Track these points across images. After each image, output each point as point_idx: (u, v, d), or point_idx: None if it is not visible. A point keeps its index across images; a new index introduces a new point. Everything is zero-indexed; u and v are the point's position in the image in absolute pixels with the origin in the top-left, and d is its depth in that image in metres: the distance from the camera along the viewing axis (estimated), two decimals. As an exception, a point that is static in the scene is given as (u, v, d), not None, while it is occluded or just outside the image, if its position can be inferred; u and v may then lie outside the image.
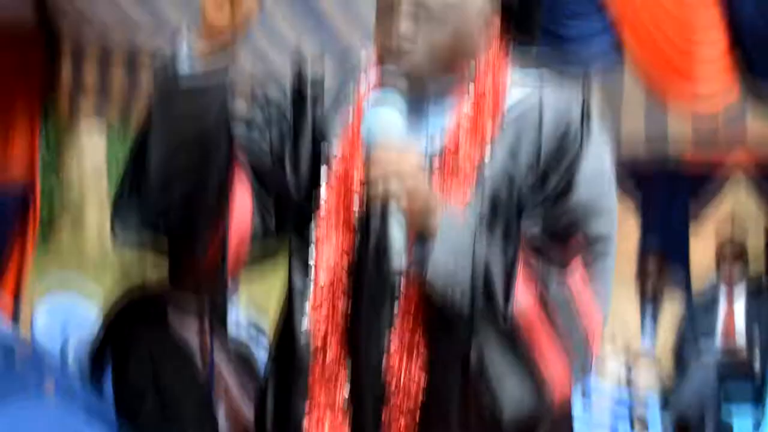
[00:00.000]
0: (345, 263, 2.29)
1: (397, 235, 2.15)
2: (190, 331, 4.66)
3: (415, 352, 2.22)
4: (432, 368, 2.21)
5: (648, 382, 8.14)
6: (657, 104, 5.33)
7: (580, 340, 2.21)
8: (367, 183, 2.20)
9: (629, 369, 8.17)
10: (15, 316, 6.91)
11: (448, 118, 2.31)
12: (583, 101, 2.31)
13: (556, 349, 2.18)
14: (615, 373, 8.19)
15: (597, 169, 2.27)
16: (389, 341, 2.23)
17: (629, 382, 8.19)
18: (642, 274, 8.31)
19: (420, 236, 2.19)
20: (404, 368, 2.23)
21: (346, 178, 2.32)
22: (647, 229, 8.99)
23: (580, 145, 2.26)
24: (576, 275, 2.21)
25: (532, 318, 2.17)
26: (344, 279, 2.29)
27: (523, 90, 2.34)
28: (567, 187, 2.24)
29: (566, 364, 2.19)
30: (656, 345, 8.38)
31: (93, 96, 6.74)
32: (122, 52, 6.52)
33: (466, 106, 2.31)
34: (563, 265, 2.21)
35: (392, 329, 2.23)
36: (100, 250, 14.84)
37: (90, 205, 15.02)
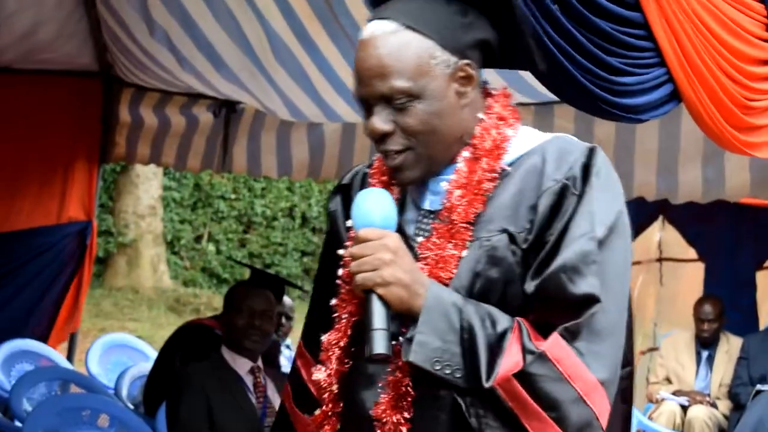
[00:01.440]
0: (349, 323, 2.36)
1: (378, 324, 2.18)
2: (243, 368, 4.70)
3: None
4: None
5: (703, 423, 8.07)
6: (715, 150, 5.34)
7: (571, 401, 2.16)
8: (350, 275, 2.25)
9: (685, 411, 8.12)
10: (71, 351, 6.99)
11: (446, 180, 2.33)
12: (588, 154, 2.28)
13: (540, 416, 2.16)
14: (671, 415, 8.13)
15: (588, 228, 2.21)
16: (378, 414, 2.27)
17: (684, 424, 8.13)
18: (700, 318, 8.24)
19: (405, 318, 2.22)
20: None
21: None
22: (708, 273, 8.95)
23: (578, 202, 2.23)
24: (556, 341, 2.16)
25: (513, 388, 2.16)
26: (347, 336, 2.36)
27: (529, 146, 2.33)
28: (555, 247, 2.21)
29: (556, 429, 2.16)
30: (712, 387, 8.31)
31: (150, 138, 6.82)
32: (180, 95, 6.58)
33: (462, 165, 2.32)
34: (549, 329, 2.18)
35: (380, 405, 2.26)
36: (155, 288, 14.94)
37: (145, 244, 15.12)
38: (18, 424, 5.19)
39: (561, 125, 5.79)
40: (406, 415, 2.24)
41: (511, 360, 2.17)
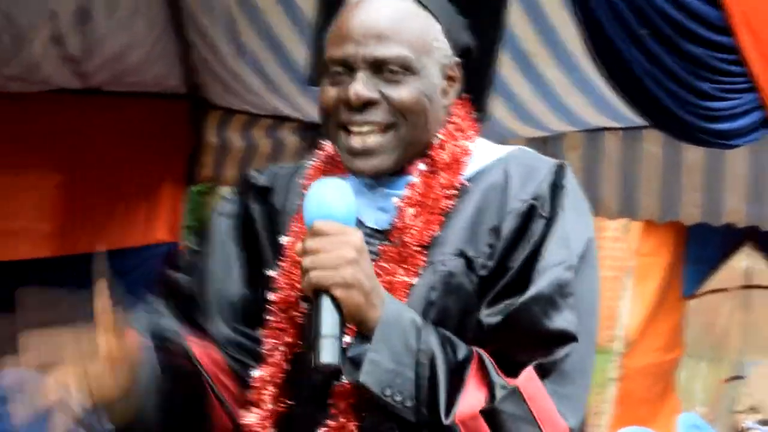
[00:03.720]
0: (286, 356, 2.09)
1: (329, 330, 1.89)
2: None
3: None
4: None
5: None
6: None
7: None
8: (301, 272, 1.94)
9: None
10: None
11: (400, 194, 2.08)
12: (556, 172, 2.07)
13: None
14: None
15: (563, 255, 1.99)
16: None
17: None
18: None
19: (357, 332, 1.95)
20: None
21: (292, 269, 2.11)
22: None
23: (547, 225, 2.01)
24: (530, 378, 1.92)
25: (477, 426, 1.90)
26: (283, 372, 2.08)
27: (488, 160, 2.12)
28: (526, 276, 1.97)
29: None
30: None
31: (237, 160, 6.86)
32: (267, 117, 6.63)
33: (419, 179, 2.07)
34: (519, 366, 1.93)
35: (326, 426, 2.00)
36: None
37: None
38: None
39: (649, 150, 5.73)
40: None
41: (475, 395, 1.92)
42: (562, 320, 1.96)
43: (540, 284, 1.96)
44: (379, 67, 2.04)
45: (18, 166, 5.60)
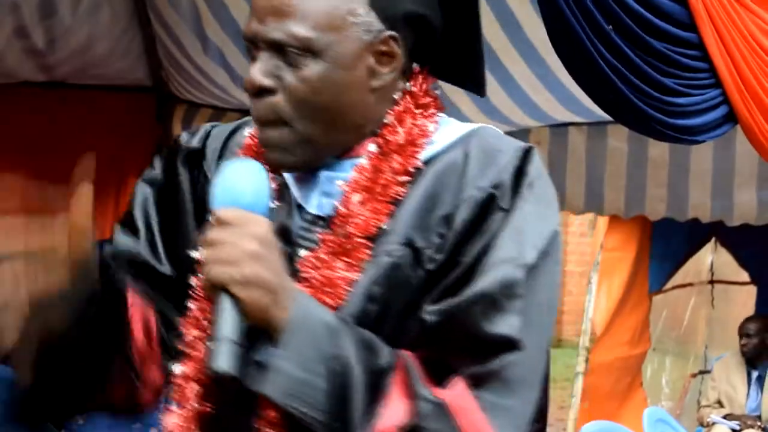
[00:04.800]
0: (202, 380, 1.83)
1: (226, 332, 1.66)
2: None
3: None
4: None
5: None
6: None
7: None
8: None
9: (737, 434, 8.05)
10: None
11: (344, 179, 1.83)
12: (522, 157, 1.80)
13: None
14: (723, 438, 8.07)
15: (516, 251, 1.74)
16: None
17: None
18: (740, 334, 8.18)
19: (262, 335, 1.71)
20: None
21: None
22: (760, 296, 8.86)
23: (505, 218, 1.76)
24: (461, 389, 1.70)
25: None
26: (203, 401, 1.83)
27: (449, 140, 1.85)
28: (471, 271, 1.73)
29: None
30: (762, 409, 8.22)
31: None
32: (233, 111, 6.61)
33: (366, 162, 1.82)
34: (454, 374, 1.71)
35: None
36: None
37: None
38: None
39: (614, 145, 5.77)
40: None
41: (396, 408, 1.69)
42: (505, 325, 1.70)
43: (484, 282, 1.71)
44: (279, 49, 1.77)
45: (-19, 159, 5.56)
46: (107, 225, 6.44)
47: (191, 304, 1.86)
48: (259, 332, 1.69)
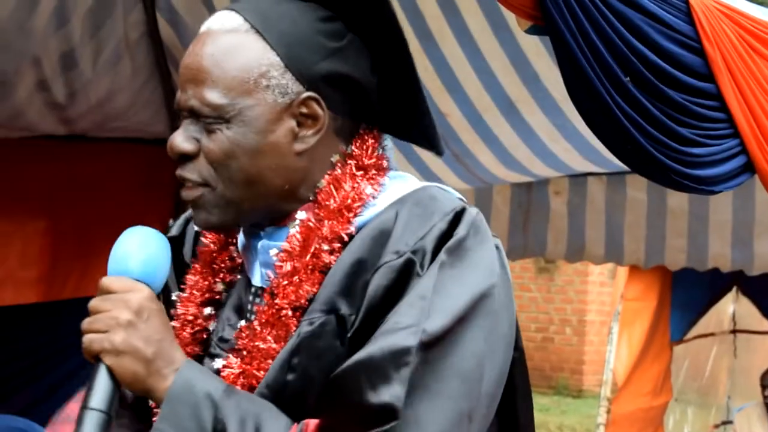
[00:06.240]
0: None
1: (94, 402, 1.65)
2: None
3: None
4: None
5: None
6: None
7: None
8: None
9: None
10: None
11: (277, 248, 1.81)
12: (451, 220, 1.75)
13: None
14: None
15: (414, 318, 1.67)
16: None
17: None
18: (763, 385, 8.12)
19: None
20: None
21: (181, 332, 1.92)
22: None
23: (417, 283, 1.70)
24: None
25: None
26: None
27: (387, 202, 1.81)
28: (366, 335, 1.69)
29: None
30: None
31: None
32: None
33: (296, 230, 1.79)
34: None
35: None
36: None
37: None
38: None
39: (633, 195, 5.76)
40: None
41: None
42: (387, 394, 1.63)
43: (371, 349, 1.66)
44: (196, 116, 1.79)
45: (2, 212, 5.58)
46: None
47: None
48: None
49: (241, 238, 1.91)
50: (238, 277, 1.89)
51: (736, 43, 3.28)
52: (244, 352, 1.77)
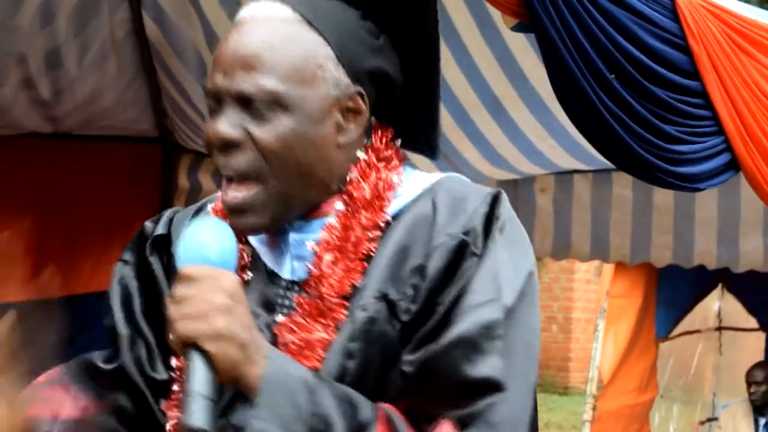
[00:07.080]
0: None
1: (199, 388, 1.60)
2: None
3: None
4: None
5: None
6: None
7: None
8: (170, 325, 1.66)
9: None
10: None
11: (314, 240, 1.80)
12: (491, 202, 1.79)
13: None
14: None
15: (492, 293, 1.72)
16: None
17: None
18: (748, 382, 8.15)
19: (237, 394, 1.66)
20: None
21: None
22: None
23: (479, 263, 1.74)
24: (446, 429, 1.66)
25: None
26: None
27: (416, 191, 1.84)
28: (448, 317, 1.71)
29: None
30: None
31: (209, 204, 6.83)
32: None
33: (335, 220, 1.80)
34: (428, 420, 1.68)
35: None
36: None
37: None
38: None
39: (619, 192, 5.78)
40: None
41: None
42: (486, 366, 1.68)
43: (463, 326, 1.69)
44: (246, 102, 1.74)
45: (-12, 210, 5.58)
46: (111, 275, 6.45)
47: (174, 386, 1.84)
48: (236, 392, 1.65)
49: (251, 237, 1.89)
50: (250, 274, 1.86)
51: (721, 41, 3.29)
52: (292, 346, 1.75)
